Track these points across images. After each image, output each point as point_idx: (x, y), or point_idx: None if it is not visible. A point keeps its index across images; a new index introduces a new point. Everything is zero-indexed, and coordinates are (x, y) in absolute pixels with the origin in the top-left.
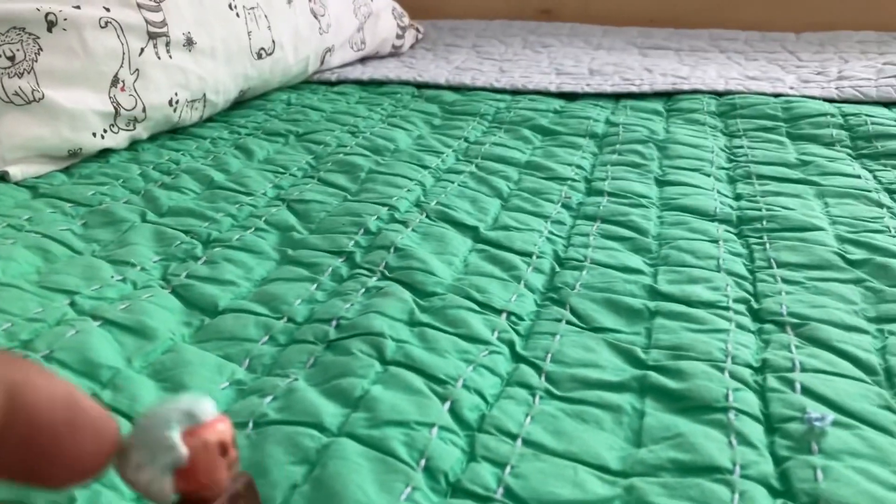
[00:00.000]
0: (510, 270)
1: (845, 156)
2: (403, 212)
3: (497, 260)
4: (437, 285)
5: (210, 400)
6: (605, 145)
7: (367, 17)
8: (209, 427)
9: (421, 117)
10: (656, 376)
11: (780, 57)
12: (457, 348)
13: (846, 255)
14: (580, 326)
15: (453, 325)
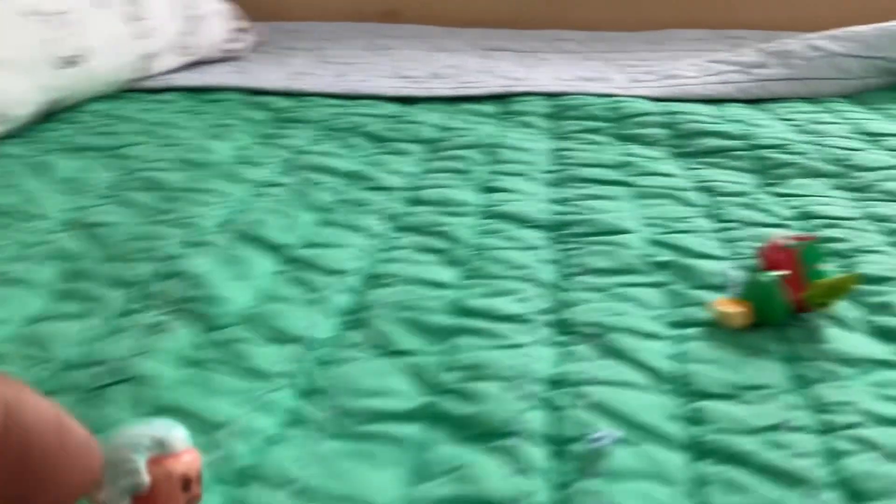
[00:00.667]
0: (314, 292)
1: (665, 155)
2: (206, 233)
3: (302, 281)
4: (227, 315)
5: (182, 430)
6: (433, 151)
7: (194, 20)
8: (176, 458)
9: (248, 126)
10: (448, 402)
11: (614, 56)
12: (236, 388)
13: (652, 258)
14: (379, 351)
15: (237, 361)
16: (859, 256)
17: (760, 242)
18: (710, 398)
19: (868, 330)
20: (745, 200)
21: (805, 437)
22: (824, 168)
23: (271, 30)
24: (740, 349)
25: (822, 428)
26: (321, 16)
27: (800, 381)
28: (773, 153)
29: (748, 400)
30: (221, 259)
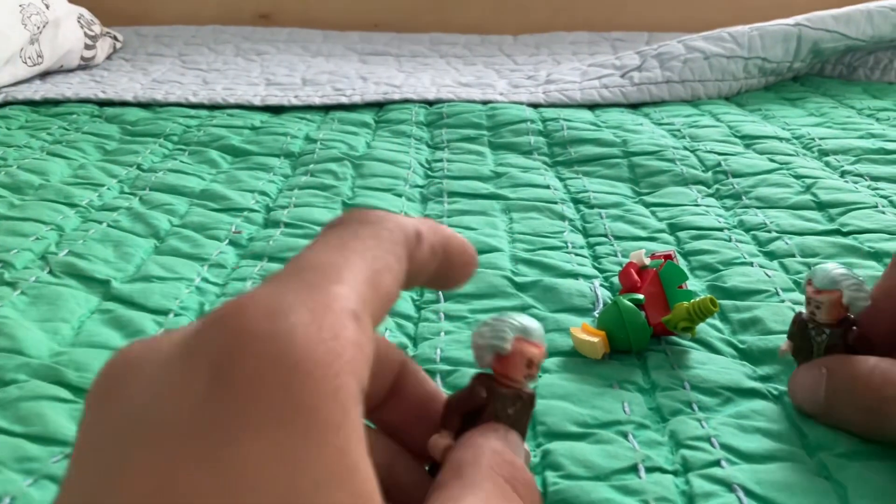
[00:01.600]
0: (134, 336)
1: (540, 164)
2: (19, 269)
3: (122, 323)
4: (20, 369)
5: (542, 329)
6: (299, 166)
7: (41, 26)
8: (530, 344)
9: (93, 142)
10: None
11: (497, 61)
12: (20, 455)
13: (516, 279)
14: None
15: (24, 424)
16: (729, 269)
17: (626, 259)
18: (560, 438)
19: (732, 352)
20: (618, 212)
21: (663, 478)
22: (698, 175)
23: (133, 35)
24: (597, 380)
25: (681, 468)
26: (188, 19)
27: (656, 414)
28: (647, 160)
29: (602, 439)
30: (34, 298)
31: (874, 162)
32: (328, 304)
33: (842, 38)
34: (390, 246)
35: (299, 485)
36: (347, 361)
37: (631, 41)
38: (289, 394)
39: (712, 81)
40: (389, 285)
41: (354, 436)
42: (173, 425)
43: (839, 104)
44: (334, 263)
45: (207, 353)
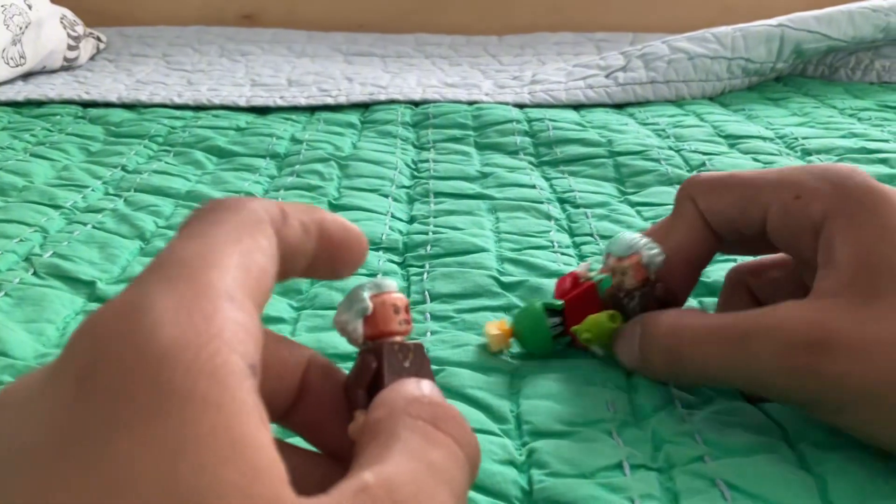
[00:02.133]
0: None
1: (526, 164)
2: (3, 270)
3: None
4: (5, 370)
5: (394, 281)
6: (285, 166)
7: (24, 27)
8: (388, 294)
9: (77, 143)
10: None
11: (482, 61)
12: None
13: (502, 279)
14: None
15: None
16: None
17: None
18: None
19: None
20: (604, 212)
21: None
22: (683, 175)
23: (116, 36)
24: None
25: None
26: (171, 20)
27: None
28: (632, 160)
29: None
30: (19, 299)
31: (856, 161)
32: (197, 290)
33: (823, 39)
34: (254, 225)
35: (181, 470)
36: (226, 340)
37: (615, 42)
38: (158, 383)
39: (696, 82)
40: (263, 264)
41: (242, 411)
42: (41, 443)
43: (821, 104)
44: (199, 252)
45: (71, 366)
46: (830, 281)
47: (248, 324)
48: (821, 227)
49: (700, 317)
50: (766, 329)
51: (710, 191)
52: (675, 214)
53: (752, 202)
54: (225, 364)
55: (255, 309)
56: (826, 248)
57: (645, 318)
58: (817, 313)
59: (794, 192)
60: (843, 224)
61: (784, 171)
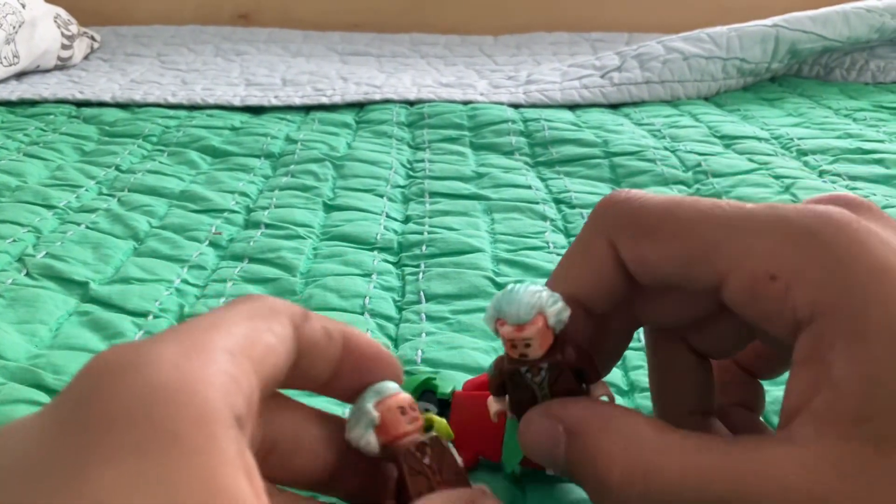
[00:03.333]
0: (113, 339)
1: (522, 165)
2: None
3: (101, 325)
4: None
5: (391, 383)
6: (279, 166)
7: (17, 26)
8: (391, 397)
9: (70, 143)
10: None
11: (478, 61)
12: None
13: (498, 279)
14: None
15: None
16: None
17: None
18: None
19: None
20: None
21: None
22: (678, 175)
23: (111, 35)
24: None
25: None
26: (166, 19)
27: None
28: (628, 160)
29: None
30: (12, 300)
31: (852, 161)
32: (199, 341)
33: (819, 39)
34: (271, 312)
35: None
36: (217, 389)
37: (611, 42)
38: (149, 420)
39: (691, 82)
40: (271, 343)
41: (223, 460)
42: (28, 463)
43: (817, 104)
44: (210, 320)
45: (69, 396)
46: (825, 404)
47: (241, 379)
48: (805, 323)
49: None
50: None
51: (640, 236)
52: (579, 250)
53: (702, 262)
54: (213, 412)
55: (253, 372)
56: (816, 356)
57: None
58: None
59: (767, 267)
60: (845, 330)
61: (750, 218)
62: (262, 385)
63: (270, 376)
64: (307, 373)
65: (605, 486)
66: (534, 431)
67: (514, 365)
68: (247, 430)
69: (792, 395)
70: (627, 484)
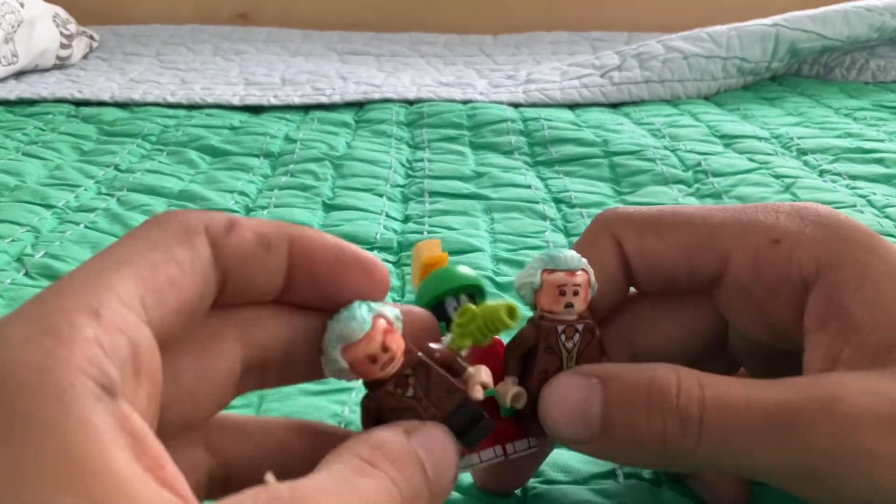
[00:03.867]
0: None
1: (521, 164)
2: None
3: None
4: None
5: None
6: (278, 166)
7: (16, 25)
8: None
9: (69, 142)
10: None
11: (477, 60)
12: None
13: (498, 279)
14: None
15: None
16: None
17: None
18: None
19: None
20: (599, 211)
21: (640, 485)
22: (678, 174)
23: (109, 34)
24: None
25: (654, 475)
26: (165, 18)
27: None
28: (628, 160)
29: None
30: (11, 300)
31: (852, 161)
32: (54, 309)
33: (818, 39)
34: (176, 236)
35: (16, 497)
36: (74, 361)
37: (610, 41)
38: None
39: (691, 81)
40: (173, 276)
41: (88, 436)
42: None
43: (817, 104)
44: (85, 270)
45: None
46: (857, 348)
47: (111, 339)
48: (812, 280)
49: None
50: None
51: (645, 228)
52: (583, 246)
53: (705, 246)
54: (72, 387)
55: (141, 321)
56: (830, 307)
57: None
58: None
59: (769, 234)
60: (854, 274)
61: (745, 209)
62: (167, 324)
63: (178, 310)
64: (247, 288)
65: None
66: (562, 388)
67: (554, 322)
68: (131, 390)
69: (816, 359)
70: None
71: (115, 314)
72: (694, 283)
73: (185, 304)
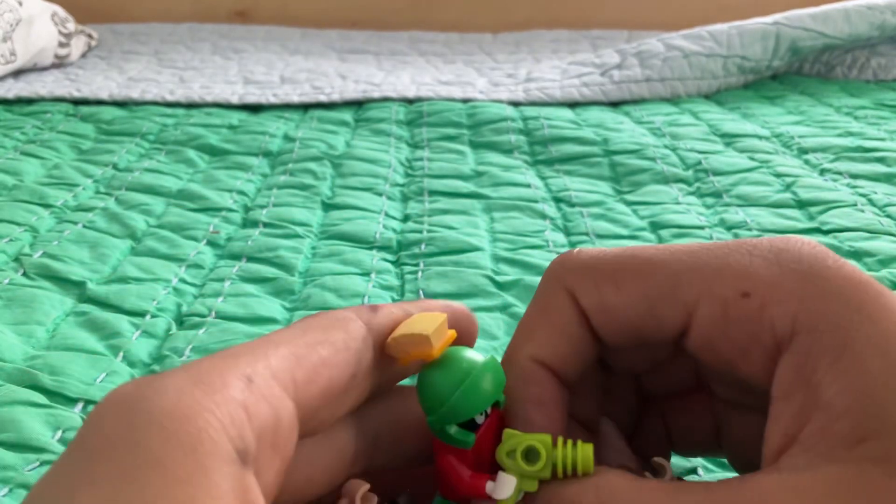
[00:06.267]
0: (110, 339)
1: (521, 163)
2: None
3: (98, 325)
4: None
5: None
6: (277, 165)
7: (14, 24)
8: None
9: (68, 141)
10: None
11: (477, 59)
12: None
13: (497, 278)
14: None
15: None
16: None
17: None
18: None
19: None
20: (599, 211)
21: None
22: (679, 173)
23: (108, 33)
24: None
25: None
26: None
27: None
28: (628, 158)
29: None
30: (8, 300)
31: (853, 160)
32: (216, 367)
33: (819, 37)
34: (332, 322)
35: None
36: (218, 418)
37: (611, 39)
38: (135, 448)
39: (692, 80)
40: (327, 356)
41: (209, 493)
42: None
43: (817, 102)
44: (252, 343)
45: (80, 429)
46: (818, 429)
47: (256, 407)
48: (786, 343)
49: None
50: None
51: (601, 280)
52: (538, 308)
53: (669, 297)
54: (209, 441)
55: (287, 396)
56: (801, 381)
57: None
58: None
59: (738, 285)
60: (833, 344)
61: (715, 250)
62: (315, 402)
63: (328, 388)
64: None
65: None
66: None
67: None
68: (264, 462)
69: (776, 433)
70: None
71: (265, 384)
72: (660, 337)
73: (336, 382)
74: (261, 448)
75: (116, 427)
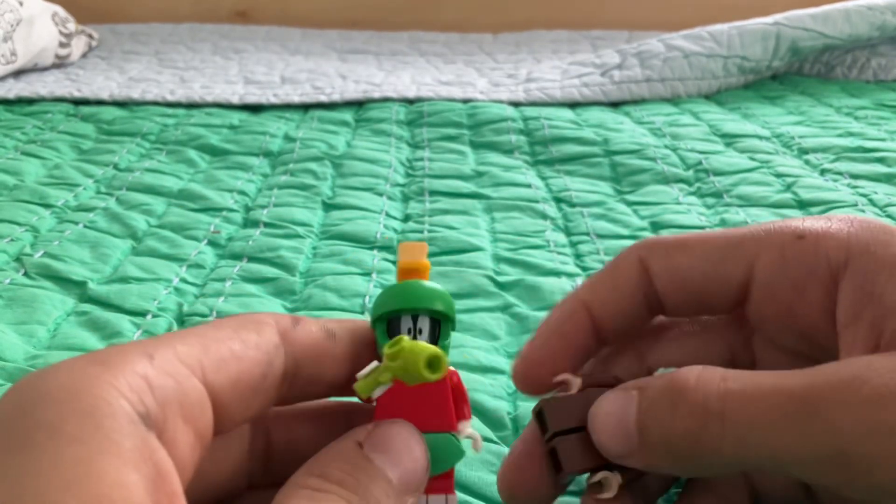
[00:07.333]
0: (112, 338)
1: (522, 163)
2: None
3: (99, 325)
4: None
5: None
6: (278, 165)
7: (15, 24)
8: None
9: (68, 141)
10: None
11: (477, 59)
12: None
13: (498, 278)
14: None
15: None
16: None
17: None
18: None
19: None
20: (600, 211)
21: None
22: (679, 173)
23: (108, 33)
24: None
25: None
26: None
27: None
28: (628, 158)
29: None
30: (9, 300)
31: (853, 160)
32: (114, 350)
33: (820, 37)
34: (248, 324)
35: (19, 494)
36: (115, 386)
37: (611, 39)
38: (27, 418)
39: (692, 80)
40: (238, 351)
41: (109, 449)
42: None
43: (818, 102)
44: (163, 336)
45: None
46: (891, 335)
47: (158, 378)
48: (842, 270)
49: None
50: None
51: (673, 248)
52: (609, 266)
53: (731, 256)
54: (107, 404)
55: (191, 375)
56: (863, 296)
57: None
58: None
59: (794, 232)
60: (888, 257)
61: (764, 223)
62: (226, 393)
63: (237, 380)
64: (320, 376)
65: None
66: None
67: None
68: (173, 433)
69: (856, 353)
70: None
71: (167, 362)
72: (722, 296)
73: (245, 377)
74: (168, 416)
75: (6, 405)
